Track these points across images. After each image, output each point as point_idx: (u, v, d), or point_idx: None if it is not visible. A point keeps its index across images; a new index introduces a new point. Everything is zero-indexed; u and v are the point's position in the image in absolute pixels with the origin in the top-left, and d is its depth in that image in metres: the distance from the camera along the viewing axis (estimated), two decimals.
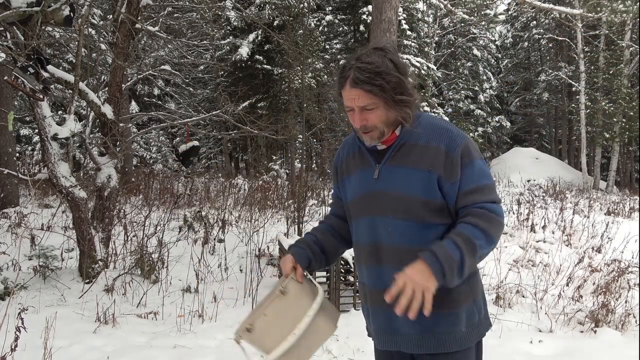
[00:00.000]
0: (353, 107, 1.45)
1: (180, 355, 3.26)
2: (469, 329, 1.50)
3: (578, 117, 18.94)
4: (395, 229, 1.47)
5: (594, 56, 18.72)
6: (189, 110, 12.28)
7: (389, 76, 1.41)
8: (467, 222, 1.40)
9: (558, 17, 19.36)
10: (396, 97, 1.42)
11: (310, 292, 1.53)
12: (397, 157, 1.49)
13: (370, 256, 1.54)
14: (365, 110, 1.44)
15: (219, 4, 9.81)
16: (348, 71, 1.44)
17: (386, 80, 1.40)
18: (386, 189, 1.49)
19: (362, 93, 1.42)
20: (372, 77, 1.40)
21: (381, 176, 1.50)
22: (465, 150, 1.45)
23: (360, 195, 1.56)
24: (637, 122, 16.89)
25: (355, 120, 1.47)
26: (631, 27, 17.03)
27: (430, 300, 1.32)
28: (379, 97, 1.41)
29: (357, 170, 1.58)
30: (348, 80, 1.43)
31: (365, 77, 1.40)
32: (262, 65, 16.56)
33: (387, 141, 1.51)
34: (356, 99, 1.43)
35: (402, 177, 1.47)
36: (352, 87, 1.42)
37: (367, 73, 1.40)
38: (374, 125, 1.46)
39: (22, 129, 18.31)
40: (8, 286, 4.09)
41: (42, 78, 4.04)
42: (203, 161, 21.81)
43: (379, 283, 1.53)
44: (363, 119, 1.45)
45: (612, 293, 4.15)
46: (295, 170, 12.57)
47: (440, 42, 26.40)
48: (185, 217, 6.80)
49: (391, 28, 5.30)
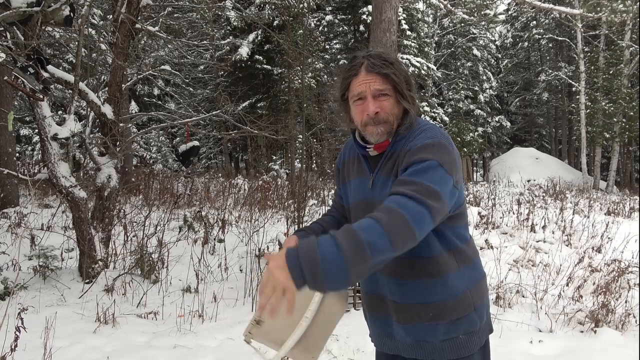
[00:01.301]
0: (366, 94, 1.41)
1: (180, 355, 3.26)
2: (468, 336, 1.45)
3: (578, 117, 18.95)
4: None
5: (594, 56, 18.72)
6: (189, 110, 12.28)
7: (400, 68, 1.43)
8: (370, 216, 1.17)
9: (558, 17, 19.37)
10: (405, 91, 1.42)
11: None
12: (386, 167, 1.46)
13: None
14: (379, 97, 1.41)
15: (219, 4, 9.82)
16: (361, 59, 1.43)
17: (399, 71, 1.42)
18: (377, 199, 1.44)
19: (378, 77, 1.40)
20: (387, 65, 1.41)
21: (374, 186, 1.49)
22: (425, 147, 1.32)
23: (358, 202, 1.55)
24: (637, 122, 16.90)
25: (369, 107, 1.41)
26: (631, 27, 17.03)
27: (291, 302, 1.05)
28: (392, 86, 1.41)
29: (356, 177, 1.57)
30: (363, 66, 1.42)
31: (382, 63, 1.41)
32: (262, 65, 16.58)
33: (379, 147, 1.47)
34: (372, 83, 1.40)
35: (388, 188, 1.43)
36: (368, 72, 1.41)
37: (382, 60, 1.41)
38: (386, 115, 1.42)
39: (22, 129, 18.32)
40: (8, 286, 4.09)
41: (42, 78, 4.04)
42: (203, 161, 21.83)
43: (374, 289, 1.54)
44: (377, 106, 1.41)
45: (612, 293, 4.14)
46: (295, 170, 12.56)
47: (440, 42, 26.42)
48: (185, 217, 6.80)
49: (391, 28, 5.30)
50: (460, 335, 1.44)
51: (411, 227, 1.15)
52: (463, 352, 1.45)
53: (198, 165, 19.62)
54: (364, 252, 1.08)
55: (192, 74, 13.78)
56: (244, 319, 3.95)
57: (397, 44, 5.51)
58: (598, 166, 18.19)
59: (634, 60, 17.82)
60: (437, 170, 1.28)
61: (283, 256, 1.08)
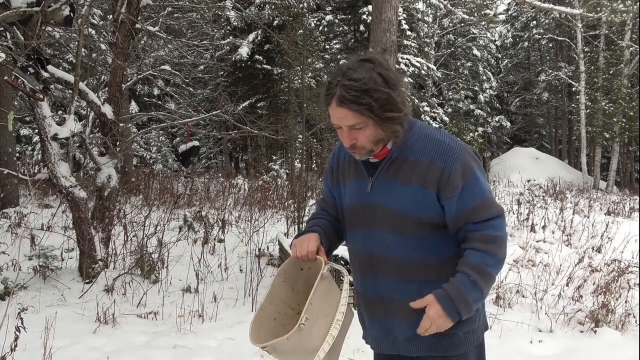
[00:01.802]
0: (341, 125, 1.40)
1: (180, 355, 3.26)
2: (466, 335, 1.49)
3: (578, 117, 18.94)
4: (391, 241, 1.45)
5: (594, 56, 18.71)
6: (189, 110, 12.28)
7: (377, 93, 1.32)
8: (475, 249, 1.41)
9: (558, 17, 19.36)
10: (384, 114, 1.35)
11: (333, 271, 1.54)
12: (389, 172, 1.45)
13: (365, 266, 1.53)
14: (353, 129, 1.38)
15: (219, 4, 9.82)
16: (334, 88, 1.36)
17: (374, 98, 1.32)
18: (379, 203, 1.46)
19: (349, 113, 1.35)
20: (358, 96, 1.32)
21: (374, 190, 1.47)
22: (464, 164, 1.40)
23: (355, 206, 1.53)
24: (637, 122, 16.89)
25: (344, 139, 1.41)
26: (631, 27, 17.01)
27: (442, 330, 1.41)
28: (367, 117, 1.35)
29: (352, 180, 1.54)
30: (334, 98, 1.36)
31: (352, 95, 1.32)
32: (262, 65, 16.57)
33: (378, 155, 1.46)
34: (343, 119, 1.37)
35: (394, 193, 1.43)
36: (338, 105, 1.35)
37: (354, 91, 1.32)
38: (363, 144, 1.41)
39: (22, 129, 18.31)
40: (8, 286, 4.08)
41: (42, 78, 4.04)
42: (203, 161, 21.83)
43: (375, 292, 1.53)
44: (352, 138, 1.40)
45: (612, 293, 4.14)
46: (295, 170, 12.56)
47: (440, 42, 26.41)
48: (185, 217, 6.80)
49: (391, 28, 5.30)
50: (459, 333, 1.47)
51: (505, 238, 1.46)
52: (460, 349, 1.48)
53: (198, 165, 19.62)
54: (492, 283, 1.43)
55: (192, 74, 13.80)
56: (244, 319, 3.94)
57: (397, 44, 5.51)
58: (598, 166, 18.18)
59: (634, 60, 17.81)
60: (483, 177, 1.46)
61: (439, 305, 1.37)
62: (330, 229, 1.62)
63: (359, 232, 1.53)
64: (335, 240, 1.65)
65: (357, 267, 1.58)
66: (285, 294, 1.58)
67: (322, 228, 1.59)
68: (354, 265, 1.60)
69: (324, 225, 1.62)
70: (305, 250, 1.49)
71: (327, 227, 1.62)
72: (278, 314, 1.57)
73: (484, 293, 1.39)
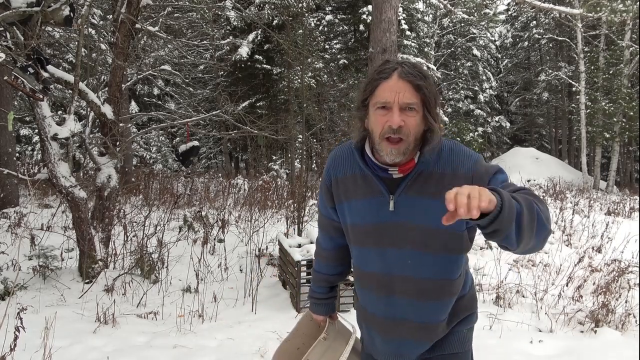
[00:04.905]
0: (392, 105, 1.27)
1: (180, 355, 3.26)
2: (468, 331, 1.54)
3: (578, 117, 18.94)
4: (413, 260, 1.39)
5: (594, 56, 18.72)
6: (189, 110, 12.28)
7: (431, 86, 1.30)
8: (535, 201, 1.16)
9: (558, 17, 19.36)
10: (432, 109, 1.30)
11: (343, 330, 1.71)
12: (415, 187, 1.35)
13: (380, 286, 1.46)
14: (406, 111, 1.28)
15: (219, 4, 9.82)
16: (394, 65, 1.30)
17: (429, 89, 1.29)
18: (406, 221, 1.37)
19: (410, 88, 1.27)
20: (420, 77, 1.28)
21: (399, 208, 1.37)
22: (486, 166, 1.35)
23: (371, 225, 1.42)
24: (637, 122, 16.89)
25: (393, 118, 1.27)
26: (631, 27, 17.02)
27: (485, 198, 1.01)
28: (420, 101, 1.28)
29: (363, 198, 1.42)
30: (395, 72, 1.28)
31: (416, 74, 1.27)
32: (261, 65, 16.58)
33: (404, 169, 1.35)
34: (402, 94, 1.26)
35: (425, 209, 1.35)
36: (400, 78, 1.27)
37: (417, 72, 1.28)
38: (408, 131, 1.28)
39: (22, 129, 18.32)
40: (8, 286, 4.09)
41: (42, 78, 4.04)
42: (203, 161, 21.83)
43: (390, 313, 1.47)
44: (402, 119, 1.28)
45: (612, 293, 4.14)
46: (295, 170, 12.56)
47: (439, 42, 26.40)
48: (185, 217, 6.80)
49: (391, 28, 5.30)
50: (463, 330, 1.52)
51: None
52: (466, 346, 1.53)
53: (198, 165, 19.62)
54: (533, 222, 1.11)
55: (192, 74, 13.79)
56: (244, 319, 3.95)
57: (397, 44, 5.51)
58: (598, 166, 18.18)
59: (634, 60, 17.81)
60: (505, 174, 1.33)
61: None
62: (335, 282, 1.77)
63: (372, 251, 1.44)
64: (344, 274, 1.77)
65: (366, 285, 1.51)
66: (310, 329, 1.78)
67: (329, 300, 1.76)
68: (361, 283, 1.53)
69: (328, 294, 1.76)
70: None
71: (330, 292, 1.77)
72: (302, 345, 1.76)
73: (523, 215, 1.08)
